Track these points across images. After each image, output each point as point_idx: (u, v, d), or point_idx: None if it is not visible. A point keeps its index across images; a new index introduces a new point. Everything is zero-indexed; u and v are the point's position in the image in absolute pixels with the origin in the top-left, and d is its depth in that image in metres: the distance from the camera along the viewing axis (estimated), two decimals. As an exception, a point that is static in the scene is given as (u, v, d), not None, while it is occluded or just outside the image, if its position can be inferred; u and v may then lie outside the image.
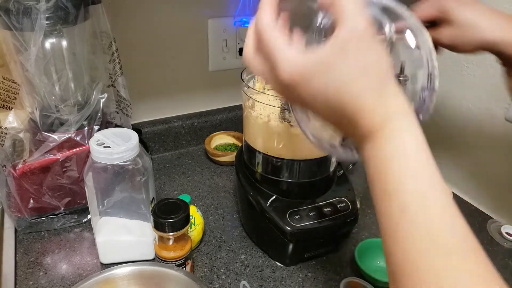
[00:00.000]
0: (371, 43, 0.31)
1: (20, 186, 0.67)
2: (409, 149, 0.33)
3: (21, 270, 0.64)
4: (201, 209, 0.79)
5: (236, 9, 0.95)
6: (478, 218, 0.80)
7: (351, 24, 0.31)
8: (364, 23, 0.31)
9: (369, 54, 0.31)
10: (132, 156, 0.60)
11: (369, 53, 0.31)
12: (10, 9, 0.58)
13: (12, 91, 0.66)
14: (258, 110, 0.62)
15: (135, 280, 0.55)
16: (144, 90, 0.94)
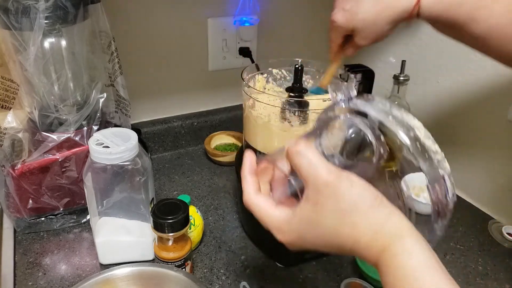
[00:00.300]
0: (337, 188, 0.33)
1: (19, 186, 0.67)
2: (411, 270, 0.32)
3: (20, 270, 0.64)
4: (201, 209, 0.78)
5: (236, 8, 0.95)
6: (479, 219, 0.80)
7: (312, 180, 0.33)
8: (322, 174, 0.33)
9: (341, 197, 0.33)
10: (132, 156, 0.60)
11: (340, 197, 0.33)
12: (9, 9, 0.58)
13: (11, 90, 0.66)
14: (259, 109, 0.62)
15: (134, 281, 0.54)
16: (143, 89, 0.93)
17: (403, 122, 0.35)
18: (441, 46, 0.84)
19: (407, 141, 0.34)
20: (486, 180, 0.81)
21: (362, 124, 0.36)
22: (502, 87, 0.75)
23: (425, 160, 0.34)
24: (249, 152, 0.40)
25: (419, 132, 0.35)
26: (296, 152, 0.34)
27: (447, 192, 0.35)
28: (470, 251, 0.72)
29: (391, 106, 0.37)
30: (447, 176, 0.35)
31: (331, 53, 0.62)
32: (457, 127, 0.85)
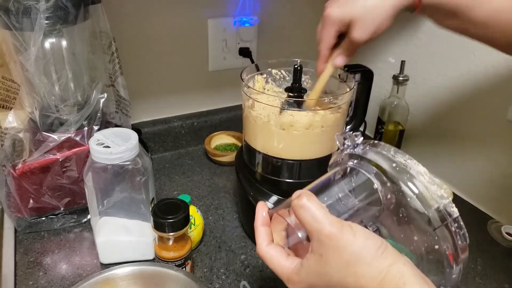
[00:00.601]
0: (340, 240, 0.33)
1: (19, 186, 0.67)
2: None
3: (21, 270, 0.64)
4: (201, 209, 0.79)
5: (236, 9, 0.95)
6: (479, 218, 0.80)
7: (315, 233, 0.34)
8: (325, 227, 0.34)
9: (344, 249, 0.33)
10: (132, 156, 0.60)
11: (343, 249, 0.33)
12: (10, 9, 0.58)
13: (11, 91, 0.66)
14: (258, 110, 0.62)
15: (135, 280, 0.55)
16: (144, 90, 0.94)
17: (407, 169, 0.36)
18: (441, 46, 0.84)
19: (412, 189, 0.35)
20: (486, 180, 0.81)
21: (369, 171, 0.37)
22: (501, 87, 0.75)
23: (430, 207, 0.35)
24: (261, 204, 0.41)
25: (423, 178, 0.36)
26: (299, 206, 0.35)
27: (457, 236, 0.35)
28: (469, 251, 0.71)
29: (395, 152, 0.37)
30: (452, 220, 0.35)
31: (320, 62, 0.58)
32: (457, 127, 0.85)
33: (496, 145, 0.78)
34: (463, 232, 0.35)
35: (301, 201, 0.35)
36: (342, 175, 0.38)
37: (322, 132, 0.61)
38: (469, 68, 0.80)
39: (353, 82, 0.65)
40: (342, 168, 0.39)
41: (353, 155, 0.39)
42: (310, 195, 0.35)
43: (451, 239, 0.35)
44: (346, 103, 0.63)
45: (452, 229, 0.35)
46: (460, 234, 0.35)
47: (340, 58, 0.56)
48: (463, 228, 0.35)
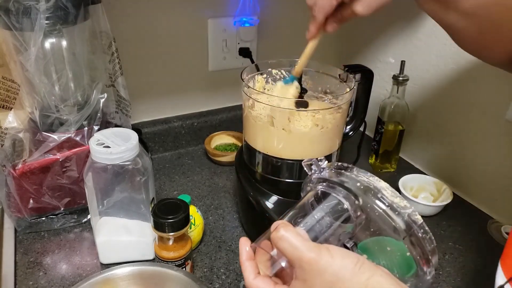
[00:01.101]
0: (320, 264, 0.36)
1: (20, 186, 0.67)
2: None
3: (21, 270, 0.64)
4: (201, 209, 0.79)
5: (236, 9, 0.95)
6: (478, 218, 0.80)
7: (296, 261, 0.36)
8: (304, 255, 0.36)
9: (324, 271, 0.36)
10: (132, 156, 0.60)
11: (324, 271, 0.36)
12: (10, 9, 0.58)
13: (12, 91, 0.66)
14: (258, 110, 0.62)
15: (135, 280, 0.55)
16: (144, 90, 0.94)
17: (370, 186, 0.39)
18: (441, 47, 0.84)
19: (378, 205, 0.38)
20: (486, 180, 0.81)
21: (337, 193, 0.40)
22: (501, 87, 0.75)
23: (396, 218, 0.38)
24: (243, 239, 0.43)
25: (386, 192, 0.39)
26: (278, 238, 0.37)
27: (424, 241, 0.38)
28: (469, 251, 0.72)
29: (358, 171, 0.41)
30: (417, 227, 0.38)
31: (313, 29, 0.57)
32: (456, 127, 0.85)
33: (496, 145, 0.78)
34: (429, 236, 0.38)
35: (278, 233, 0.37)
36: (315, 199, 0.41)
37: (322, 132, 0.61)
38: (468, 69, 0.80)
39: (353, 82, 0.65)
40: (314, 192, 0.42)
41: (322, 179, 0.42)
42: (286, 225, 0.37)
43: (420, 245, 0.38)
44: (346, 103, 0.63)
45: (419, 235, 0.38)
46: (427, 239, 0.38)
47: (334, 25, 0.56)
48: (428, 232, 0.38)
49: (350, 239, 0.40)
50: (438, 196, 0.81)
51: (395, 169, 0.93)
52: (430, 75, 0.88)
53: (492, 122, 0.78)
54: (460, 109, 0.84)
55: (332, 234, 0.40)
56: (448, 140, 0.88)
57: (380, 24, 0.98)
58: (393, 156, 0.92)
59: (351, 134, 0.79)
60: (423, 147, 0.94)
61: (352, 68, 0.69)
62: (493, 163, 0.79)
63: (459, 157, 0.86)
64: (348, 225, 0.40)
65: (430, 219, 0.79)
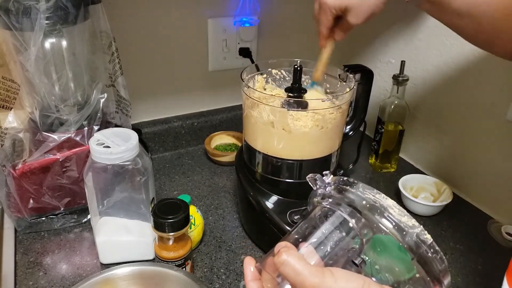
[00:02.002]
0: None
1: (20, 186, 0.67)
2: None
3: (21, 270, 0.64)
4: (201, 209, 0.79)
5: (236, 9, 0.95)
6: (479, 218, 0.80)
7: (299, 286, 0.35)
8: (306, 279, 0.34)
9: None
10: (132, 156, 0.60)
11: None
12: (10, 9, 0.58)
13: (12, 91, 0.66)
14: (258, 110, 0.62)
15: (135, 280, 0.55)
16: (144, 90, 0.94)
17: (376, 205, 0.38)
18: (440, 47, 0.84)
19: (385, 224, 0.37)
20: (486, 180, 0.81)
21: (343, 211, 0.39)
22: (501, 87, 0.75)
23: (404, 238, 0.36)
24: (248, 259, 0.41)
25: (393, 211, 0.37)
26: (280, 263, 0.36)
27: (434, 261, 0.36)
28: (469, 251, 0.72)
29: (364, 188, 0.39)
30: (427, 247, 0.36)
31: (321, 39, 0.62)
32: (457, 127, 0.85)
33: (496, 145, 0.78)
34: (440, 256, 0.36)
35: (281, 258, 0.36)
36: (322, 215, 0.40)
37: (322, 132, 0.61)
38: (468, 69, 0.80)
39: (353, 82, 0.65)
40: (320, 208, 0.41)
41: (327, 195, 0.41)
42: (289, 249, 0.37)
43: (430, 265, 0.36)
44: (346, 103, 0.63)
45: (429, 255, 0.36)
46: (437, 259, 0.36)
47: (340, 34, 0.61)
48: (439, 252, 0.36)
49: (358, 255, 0.39)
50: (438, 196, 0.81)
51: (395, 169, 0.93)
52: (430, 75, 0.88)
53: (492, 122, 0.78)
54: (460, 109, 0.84)
55: (340, 251, 0.39)
56: (448, 140, 0.88)
57: (380, 24, 0.98)
58: (393, 156, 0.92)
59: (351, 134, 0.79)
60: (423, 147, 0.94)
61: (352, 68, 0.69)
62: (493, 163, 0.79)
63: (459, 157, 0.86)
64: (355, 240, 0.38)
65: (430, 219, 0.79)
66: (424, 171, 0.93)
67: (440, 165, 0.90)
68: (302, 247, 0.39)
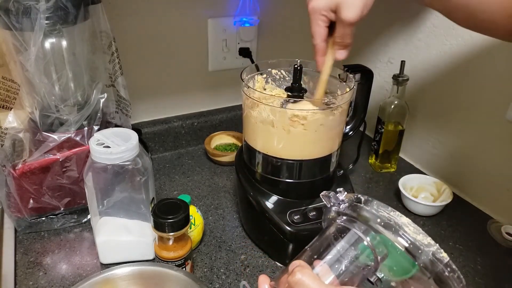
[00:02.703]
0: None
1: (20, 186, 0.67)
2: None
3: (21, 270, 0.64)
4: (201, 209, 0.79)
5: (236, 9, 0.95)
6: (479, 218, 0.80)
7: None
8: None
9: None
10: (132, 156, 0.60)
11: None
12: (10, 9, 0.58)
13: (12, 91, 0.66)
14: (258, 110, 0.62)
15: (135, 280, 0.55)
16: (144, 90, 0.94)
17: (391, 223, 0.37)
18: (440, 47, 0.84)
19: (401, 242, 0.36)
20: (486, 180, 0.81)
21: (358, 228, 0.39)
22: (500, 87, 0.75)
23: (420, 257, 0.36)
24: (262, 278, 0.41)
25: (408, 229, 0.37)
26: (294, 283, 0.36)
27: (452, 280, 0.35)
28: (469, 251, 0.72)
29: (378, 206, 0.39)
30: (443, 266, 0.35)
31: (318, 55, 0.58)
32: (456, 128, 0.85)
33: (496, 145, 0.78)
34: (457, 275, 0.36)
35: (295, 277, 0.36)
36: (336, 233, 0.40)
37: (322, 132, 0.61)
38: (468, 69, 0.80)
39: (353, 82, 0.65)
40: (335, 225, 0.41)
41: (341, 212, 0.41)
42: (303, 268, 0.37)
43: (447, 285, 0.36)
44: (346, 103, 0.63)
45: (445, 274, 0.35)
46: (454, 278, 0.36)
47: (341, 52, 0.57)
48: (456, 271, 0.36)
49: (373, 273, 0.39)
50: (438, 196, 0.81)
51: (395, 169, 0.93)
52: (430, 75, 0.88)
53: (492, 122, 0.78)
54: (460, 109, 0.84)
55: (355, 269, 0.39)
56: (448, 140, 0.88)
57: (380, 24, 0.98)
58: (393, 156, 0.92)
59: (351, 134, 0.79)
60: (423, 147, 0.94)
61: (352, 68, 0.69)
62: (493, 163, 0.79)
63: (459, 157, 0.86)
64: (370, 258, 0.38)
65: (430, 219, 0.79)
66: (424, 171, 0.93)
67: (440, 165, 0.90)
68: (317, 265, 0.39)
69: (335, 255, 0.39)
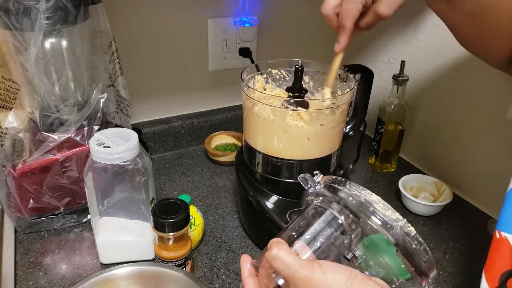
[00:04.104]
0: (312, 280, 0.36)
1: (20, 186, 0.67)
2: None
3: (21, 270, 0.64)
4: (201, 209, 0.79)
5: (236, 9, 0.95)
6: (478, 218, 0.80)
7: (290, 279, 0.36)
8: (296, 272, 0.36)
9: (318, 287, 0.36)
10: (132, 156, 0.60)
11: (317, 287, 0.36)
12: (10, 9, 0.58)
13: (12, 91, 0.66)
14: (258, 110, 0.62)
15: (135, 280, 0.55)
16: (144, 90, 0.94)
17: (362, 200, 0.40)
18: (440, 47, 0.84)
19: (371, 219, 0.39)
20: (486, 180, 0.81)
21: (332, 208, 0.41)
22: (500, 87, 0.75)
23: (389, 231, 0.38)
24: (244, 257, 0.43)
25: (378, 206, 0.39)
26: (271, 258, 0.37)
27: (418, 252, 0.38)
28: (469, 251, 0.72)
29: (350, 185, 0.41)
30: (410, 239, 0.38)
31: (344, 36, 0.54)
32: (456, 127, 0.85)
33: (496, 145, 0.78)
34: (423, 247, 0.38)
35: (272, 253, 0.37)
36: (314, 213, 0.43)
37: (322, 132, 0.61)
38: (468, 69, 0.80)
39: (353, 82, 0.65)
40: (313, 206, 0.43)
41: (318, 194, 0.44)
42: (279, 244, 0.38)
43: (414, 256, 0.38)
44: (346, 103, 0.63)
45: (412, 247, 0.38)
46: (420, 250, 0.38)
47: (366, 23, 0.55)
48: (422, 243, 0.38)
49: (349, 250, 0.41)
50: (438, 196, 0.81)
51: (395, 169, 0.93)
52: (430, 75, 0.88)
53: (492, 122, 0.78)
54: (460, 109, 0.84)
55: (332, 246, 0.41)
56: (448, 140, 0.88)
57: (380, 24, 0.98)
58: (393, 156, 0.92)
59: (351, 134, 0.79)
60: (423, 147, 0.94)
61: (352, 68, 0.69)
62: (493, 163, 0.79)
63: (459, 157, 0.86)
64: (346, 236, 0.41)
65: (430, 219, 0.79)
66: (424, 171, 0.93)
67: (440, 165, 0.90)
68: (295, 243, 0.40)
69: (312, 234, 0.41)
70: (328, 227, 0.41)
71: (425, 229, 0.76)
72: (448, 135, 0.87)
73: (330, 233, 0.40)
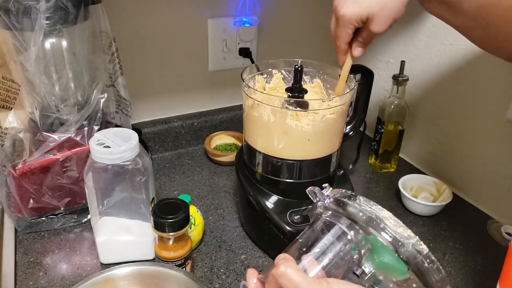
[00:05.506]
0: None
1: (20, 186, 0.67)
2: None
3: (21, 270, 0.64)
4: (201, 209, 0.79)
5: (236, 9, 0.95)
6: (478, 218, 0.80)
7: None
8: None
9: None
10: (132, 156, 0.60)
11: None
12: (10, 9, 0.58)
13: (12, 91, 0.66)
14: (258, 110, 0.62)
15: (135, 280, 0.55)
16: (144, 90, 0.94)
17: (373, 216, 0.38)
18: (440, 47, 0.84)
19: (382, 235, 0.37)
20: (486, 180, 0.81)
21: (342, 223, 0.40)
22: (500, 87, 0.75)
23: (400, 249, 0.37)
24: (250, 271, 0.42)
25: (389, 222, 0.38)
26: (279, 276, 0.37)
27: (431, 271, 0.37)
28: (469, 251, 0.72)
29: (361, 201, 0.40)
30: (423, 257, 0.36)
31: (340, 56, 0.60)
32: (456, 127, 0.85)
33: (496, 145, 0.78)
34: (436, 266, 0.37)
35: (279, 270, 0.37)
36: (323, 227, 0.42)
37: (322, 132, 0.62)
38: (468, 69, 0.80)
39: (353, 83, 0.65)
40: (322, 220, 0.42)
41: (326, 207, 0.43)
42: (287, 261, 0.38)
43: (427, 276, 0.37)
44: (346, 103, 0.63)
45: (425, 265, 0.36)
46: (433, 269, 0.37)
47: (359, 50, 0.60)
48: (435, 262, 0.37)
49: (358, 266, 0.40)
50: (438, 196, 0.81)
51: (395, 169, 0.93)
52: (430, 75, 0.88)
53: (492, 122, 0.78)
54: (460, 109, 0.84)
55: (341, 262, 0.40)
56: (448, 140, 0.88)
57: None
58: (393, 156, 0.92)
59: (351, 134, 0.79)
60: (423, 147, 0.94)
61: (352, 68, 0.69)
62: (493, 163, 0.79)
63: (459, 157, 0.86)
64: (355, 252, 0.40)
65: (430, 219, 0.79)
66: (424, 171, 0.93)
67: (440, 165, 0.91)
68: (304, 259, 0.40)
69: (321, 249, 0.40)
70: (337, 242, 0.40)
71: (425, 229, 0.76)
72: (448, 135, 0.87)
73: (339, 248, 0.40)
